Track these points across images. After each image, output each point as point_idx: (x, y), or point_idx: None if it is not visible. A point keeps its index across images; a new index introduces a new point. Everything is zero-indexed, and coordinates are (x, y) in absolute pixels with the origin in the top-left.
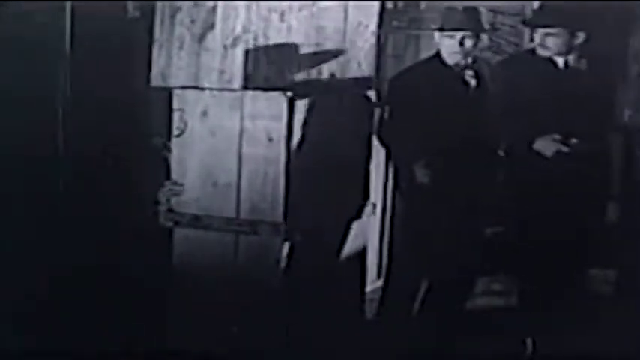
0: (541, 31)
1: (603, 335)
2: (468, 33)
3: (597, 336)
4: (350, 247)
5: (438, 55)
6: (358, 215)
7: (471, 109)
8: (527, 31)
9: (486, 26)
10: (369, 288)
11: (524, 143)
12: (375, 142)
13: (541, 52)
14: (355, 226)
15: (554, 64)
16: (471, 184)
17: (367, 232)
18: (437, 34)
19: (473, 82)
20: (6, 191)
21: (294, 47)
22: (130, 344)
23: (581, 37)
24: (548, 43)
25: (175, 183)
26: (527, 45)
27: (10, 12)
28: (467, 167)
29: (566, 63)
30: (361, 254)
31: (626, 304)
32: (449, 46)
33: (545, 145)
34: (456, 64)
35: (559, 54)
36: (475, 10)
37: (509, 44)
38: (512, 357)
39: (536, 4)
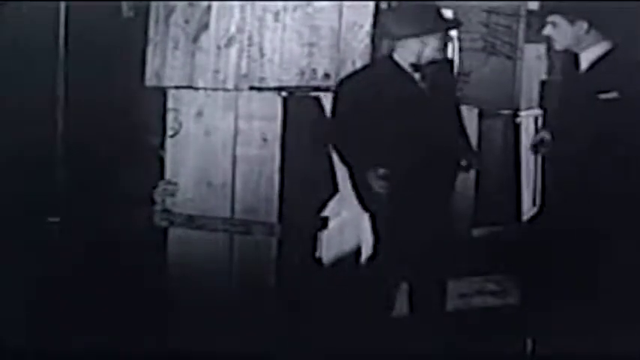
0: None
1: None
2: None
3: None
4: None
5: (390, 55)
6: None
7: (423, 113)
8: (521, 30)
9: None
10: None
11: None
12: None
13: (554, 45)
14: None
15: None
16: (426, 191)
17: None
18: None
19: (423, 85)
20: (1, 191)
21: None
22: (124, 344)
23: (583, 27)
24: (553, 34)
25: (170, 182)
26: (521, 45)
27: (4, 12)
28: (422, 174)
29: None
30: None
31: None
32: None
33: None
34: (411, 65)
35: (567, 46)
36: (431, 7)
37: (503, 44)
38: (511, 357)
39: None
